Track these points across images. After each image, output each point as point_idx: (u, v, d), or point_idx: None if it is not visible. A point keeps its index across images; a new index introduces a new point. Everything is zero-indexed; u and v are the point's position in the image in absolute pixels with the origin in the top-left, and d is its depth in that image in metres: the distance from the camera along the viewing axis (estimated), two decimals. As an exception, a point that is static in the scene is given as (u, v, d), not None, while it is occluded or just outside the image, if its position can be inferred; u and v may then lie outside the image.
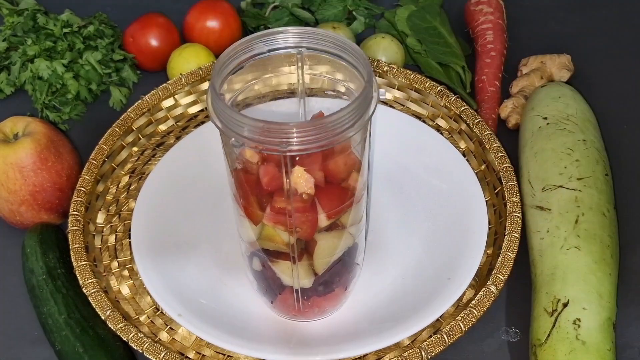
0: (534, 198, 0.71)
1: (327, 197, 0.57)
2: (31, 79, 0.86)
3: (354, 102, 0.53)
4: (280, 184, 0.55)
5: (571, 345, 0.60)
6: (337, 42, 0.58)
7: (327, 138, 0.52)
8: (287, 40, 0.59)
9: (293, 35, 0.59)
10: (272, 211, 0.57)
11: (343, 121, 0.52)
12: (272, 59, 0.60)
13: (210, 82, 0.55)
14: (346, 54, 0.58)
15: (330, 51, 0.58)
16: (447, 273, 0.68)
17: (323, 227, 0.58)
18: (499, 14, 0.92)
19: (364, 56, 0.56)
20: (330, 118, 0.52)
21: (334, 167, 0.57)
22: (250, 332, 0.65)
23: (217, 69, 0.56)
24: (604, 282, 0.64)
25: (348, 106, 0.52)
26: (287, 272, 0.61)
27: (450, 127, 0.80)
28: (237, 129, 0.52)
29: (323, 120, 0.52)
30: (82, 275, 0.66)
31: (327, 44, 0.58)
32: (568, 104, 0.76)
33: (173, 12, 0.94)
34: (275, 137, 0.51)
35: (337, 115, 0.52)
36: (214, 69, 0.56)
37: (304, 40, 0.59)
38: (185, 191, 0.75)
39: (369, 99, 0.54)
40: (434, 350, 0.61)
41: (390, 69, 0.81)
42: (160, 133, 0.81)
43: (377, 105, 0.55)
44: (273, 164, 0.55)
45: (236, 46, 0.57)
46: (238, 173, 0.57)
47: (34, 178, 0.73)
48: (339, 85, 0.61)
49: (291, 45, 0.59)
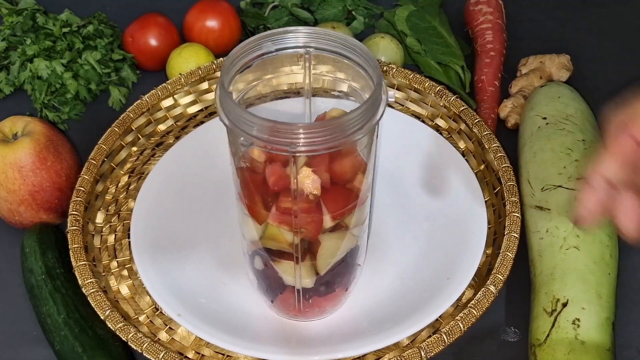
0: (533, 198, 0.71)
1: (333, 198, 0.57)
2: (30, 78, 0.86)
3: (364, 105, 0.53)
4: (286, 184, 0.55)
5: (570, 345, 0.60)
6: (346, 43, 0.58)
7: (335, 140, 0.52)
8: (297, 40, 0.59)
9: (302, 35, 0.59)
10: (277, 211, 0.57)
11: (352, 123, 0.52)
12: (278, 59, 0.60)
13: (220, 79, 0.55)
14: (355, 55, 0.57)
15: (339, 52, 0.58)
16: (446, 273, 0.68)
17: (327, 228, 0.58)
18: (498, 14, 0.92)
19: (373, 58, 0.56)
20: (339, 119, 0.52)
21: (340, 169, 0.57)
22: (250, 331, 0.65)
23: (227, 67, 0.56)
24: (603, 282, 0.64)
25: (358, 108, 0.52)
26: (290, 271, 0.61)
27: (449, 127, 0.80)
28: (246, 127, 0.52)
29: (332, 121, 0.52)
30: (82, 275, 0.66)
31: (336, 44, 0.58)
32: (567, 103, 0.76)
33: (172, 12, 0.94)
34: (284, 137, 0.51)
35: (347, 117, 0.52)
36: (224, 67, 0.56)
37: (312, 40, 0.59)
38: (185, 191, 0.75)
39: (378, 102, 0.54)
40: (433, 350, 0.61)
41: (389, 69, 0.81)
42: (160, 133, 0.81)
43: (385, 108, 0.55)
44: (280, 163, 0.55)
45: (245, 44, 0.57)
46: (243, 172, 0.57)
47: (33, 178, 0.73)
48: (344, 85, 0.61)
49: (300, 45, 0.59)
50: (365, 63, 0.57)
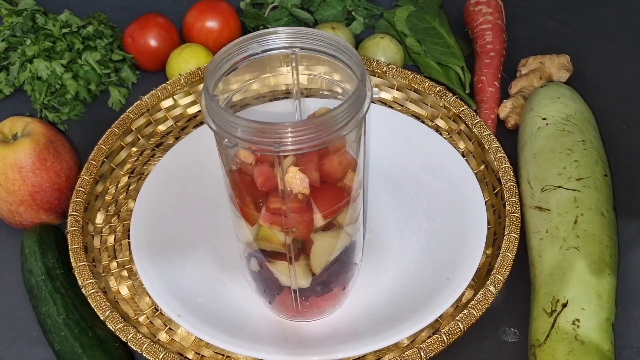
0: (533, 198, 0.71)
1: (323, 196, 0.57)
2: (30, 79, 0.86)
3: (347, 101, 0.53)
4: (275, 184, 0.55)
5: (570, 346, 0.60)
6: (330, 42, 0.58)
7: (320, 137, 0.52)
8: (280, 40, 0.59)
9: (286, 36, 0.59)
10: (267, 212, 0.57)
11: (336, 120, 0.52)
12: (266, 60, 0.60)
13: (204, 83, 0.55)
14: (339, 53, 0.57)
15: (324, 51, 0.58)
16: (446, 273, 0.68)
17: (319, 227, 0.58)
18: (498, 14, 0.92)
19: (356, 55, 0.56)
20: (323, 117, 0.52)
21: (329, 167, 0.57)
22: (249, 332, 0.65)
23: (210, 70, 0.56)
24: (602, 283, 0.64)
25: (341, 105, 0.52)
26: (285, 272, 0.61)
27: (449, 127, 0.80)
28: (230, 129, 0.52)
29: (316, 119, 0.52)
30: (81, 276, 0.66)
31: (320, 43, 0.58)
32: (567, 104, 0.76)
33: (172, 12, 0.94)
34: (268, 137, 0.51)
35: (330, 114, 0.52)
36: (207, 70, 0.56)
37: (297, 40, 0.59)
38: (185, 191, 0.75)
39: (362, 97, 0.54)
40: (433, 350, 0.61)
41: (389, 69, 0.81)
42: (160, 133, 0.81)
43: (370, 103, 0.55)
44: (267, 164, 0.55)
45: (229, 47, 0.57)
46: (233, 174, 0.57)
47: (33, 178, 0.73)
48: (333, 85, 0.61)
49: (285, 46, 0.59)
50: (349, 60, 0.57)
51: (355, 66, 0.56)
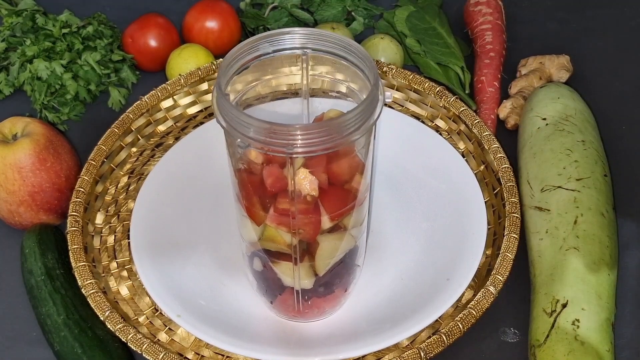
0: (533, 199, 0.71)
1: (331, 199, 0.57)
2: (30, 79, 0.86)
3: (361, 105, 0.53)
4: (284, 185, 0.55)
5: (570, 346, 0.60)
6: (343, 44, 0.58)
7: (332, 141, 0.52)
8: (293, 41, 0.59)
9: (299, 36, 0.59)
10: (275, 212, 0.57)
11: (349, 124, 0.52)
12: (276, 60, 0.60)
13: (216, 81, 0.55)
14: (352, 56, 0.57)
15: (336, 53, 0.58)
16: (446, 274, 0.68)
17: (326, 229, 0.58)
18: (497, 15, 0.92)
19: (370, 58, 0.56)
20: (336, 121, 0.52)
21: (337, 170, 0.57)
22: (249, 332, 0.65)
23: (224, 69, 0.56)
24: (602, 283, 0.64)
25: (355, 109, 0.52)
26: (288, 273, 0.61)
27: (449, 127, 0.80)
28: (242, 129, 0.52)
29: (329, 122, 0.52)
30: (81, 276, 0.66)
31: (333, 45, 0.58)
32: (567, 104, 0.76)
33: (172, 12, 0.94)
34: (281, 138, 0.51)
35: (344, 118, 0.52)
36: (220, 68, 0.56)
37: (309, 41, 0.59)
38: (185, 192, 0.75)
39: (375, 102, 0.54)
40: (433, 350, 0.61)
41: (389, 70, 0.81)
42: (159, 134, 0.81)
43: (382, 108, 0.55)
44: (277, 165, 0.55)
45: (242, 46, 0.57)
46: (241, 173, 0.57)
47: (33, 179, 0.73)
48: (342, 86, 0.61)
49: (297, 46, 0.59)
50: (362, 64, 0.57)
51: (369, 70, 0.56)
